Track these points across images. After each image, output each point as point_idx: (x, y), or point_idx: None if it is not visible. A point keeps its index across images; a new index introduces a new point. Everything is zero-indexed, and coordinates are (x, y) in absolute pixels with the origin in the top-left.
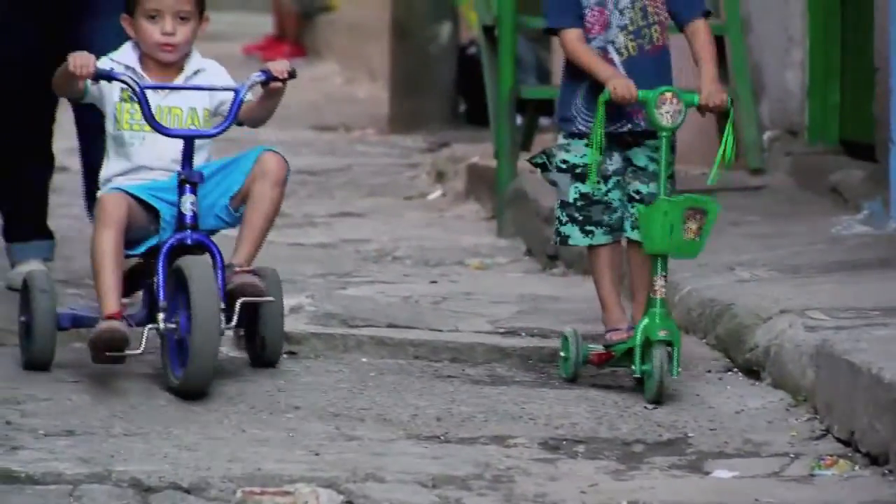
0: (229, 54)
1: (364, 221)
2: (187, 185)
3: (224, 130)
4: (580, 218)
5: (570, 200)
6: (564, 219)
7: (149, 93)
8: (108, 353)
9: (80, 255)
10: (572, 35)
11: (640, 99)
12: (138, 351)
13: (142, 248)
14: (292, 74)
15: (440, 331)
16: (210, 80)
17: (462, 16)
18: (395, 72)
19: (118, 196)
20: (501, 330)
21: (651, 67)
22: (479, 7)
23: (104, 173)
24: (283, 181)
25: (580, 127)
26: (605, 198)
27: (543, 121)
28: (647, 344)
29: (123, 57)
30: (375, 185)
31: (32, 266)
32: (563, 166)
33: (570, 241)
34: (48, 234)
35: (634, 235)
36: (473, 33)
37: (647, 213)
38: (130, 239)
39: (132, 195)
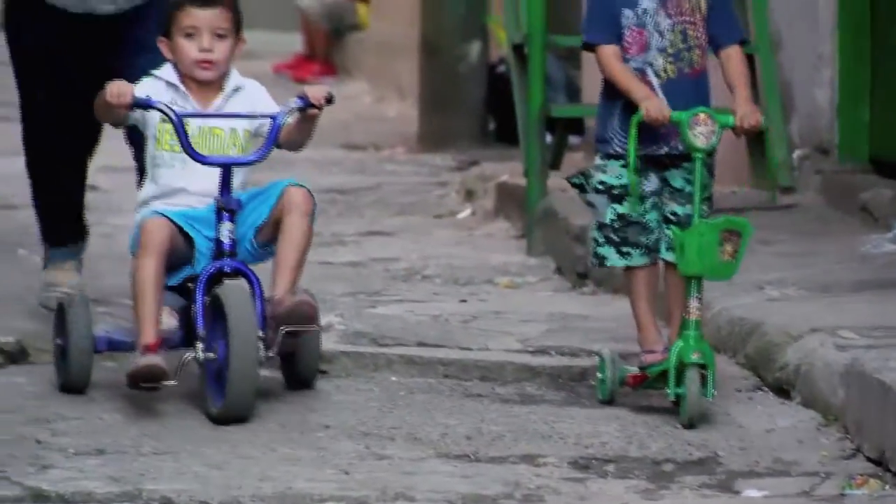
0: (259, 72)
1: (393, 240)
2: (225, 213)
3: (262, 158)
4: (617, 239)
5: (607, 222)
6: (601, 240)
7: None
8: (145, 385)
9: (109, 274)
10: (609, 52)
11: (673, 120)
12: (174, 382)
13: (176, 280)
14: (330, 100)
15: (470, 349)
16: (250, 99)
17: (491, 34)
18: (424, 90)
19: (161, 221)
20: (531, 349)
21: (690, 91)
22: (508, 25)
23: (142, 194)
24: (311, 213)
25: (617, 148)
26: (642, 219)
27: (573, 139)
28: (682, 366)
29: (165, 73)
30: (405, 204)
31: (66, 270)
32: (601, 187)
33: (608, 263)
34: (82, 235)
35: (670, 257)
36: (503, 51)
37: (683, 234)
38: (167, 265)
39: (171, 220)
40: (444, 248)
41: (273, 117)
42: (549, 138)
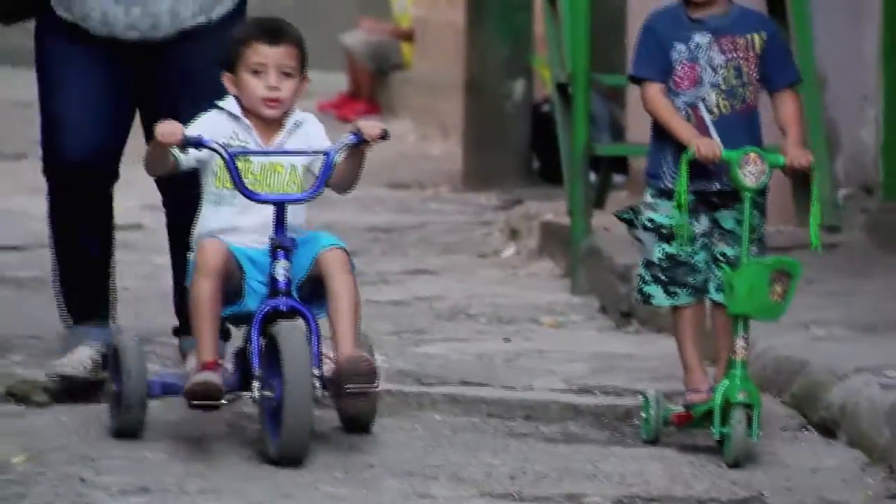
0: (304, 111)
1: (437, 279)
2: (280, 251)
3: (316, 195)
4: (664, 278)
5: (655, 260)
6: (648, 278)
7: (253, 148)
8: (201, 404)
9: (150, 314)
10: (654, 89)
11: (723, 159)
12: (226, 402)
13: (226, 313)
14: (384, 136)
15: (514, 389)
16: (309, 134)
17: (536, 73)
18: (468, 129)
19: (217, 244)
20: (575, 388)
21: (743, 127)
22: (552, 64)
23: (199, 229)
24: (349, 269)
25: (668, 184)
26: (691, 259)
27: (617, 178)
28: (727, 406)
29: (229, 106)
30: (449, 243)
31: (82, 353)
32: (650, 225)
33: (653, 301)
34: (105, 321)
35: (719, 297)
36: (547, 90)
37: (734, 274)
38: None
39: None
40: (488, 287)
41: (325, 153)
42: (593, 177)
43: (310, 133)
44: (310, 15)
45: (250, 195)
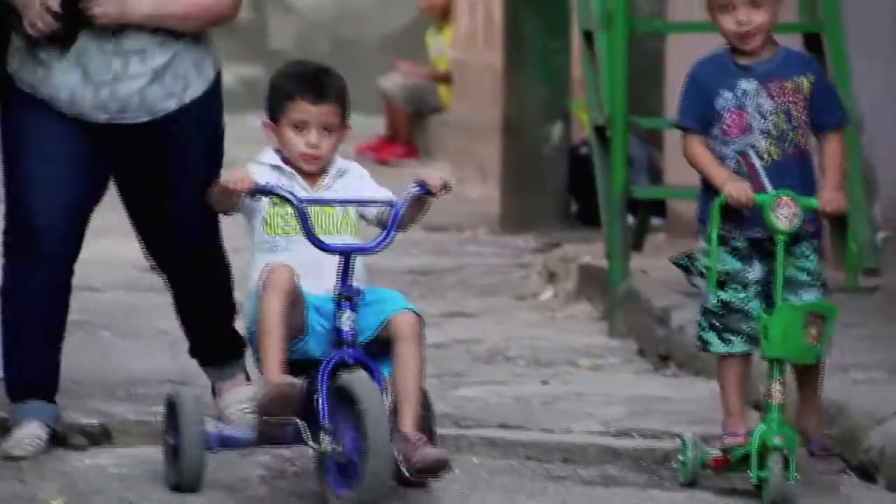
0: (343, 154)
1: (476, 321)
2: (346, 301)
3: (385, 245)
4: (719, 325)
5: (711, 307)
6: (705, 324)
7: (301, 194)
8: (275, 418)
9: (187, 356)
10: (694, 140)
11: (756, 202)
12: (302, 423)
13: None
14: (447, 188)
15: (552, 431)
16: (353, 182)
17: (574, 116)
18: (506, 172)
19: (287, 268)
20: (613, 431)
21: (795, 171)
22: (590, 107)
23: (251, 281)
24: (420, 336)
25: (721, 231)
26: (745, 306)
27: (655, 221)
28: (765, 449)
29: (268, 158)
30: (487, 285)
31: (29, 429)
32: (705, 272)
33: (710, 349)
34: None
35: None
36: (585, 133)
37: (768, 317)
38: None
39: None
40: (526, 330)
41: (392, 204)
42: (631, 220)
43: (356, 180)
44: (347, 58)
45: (320, 244)
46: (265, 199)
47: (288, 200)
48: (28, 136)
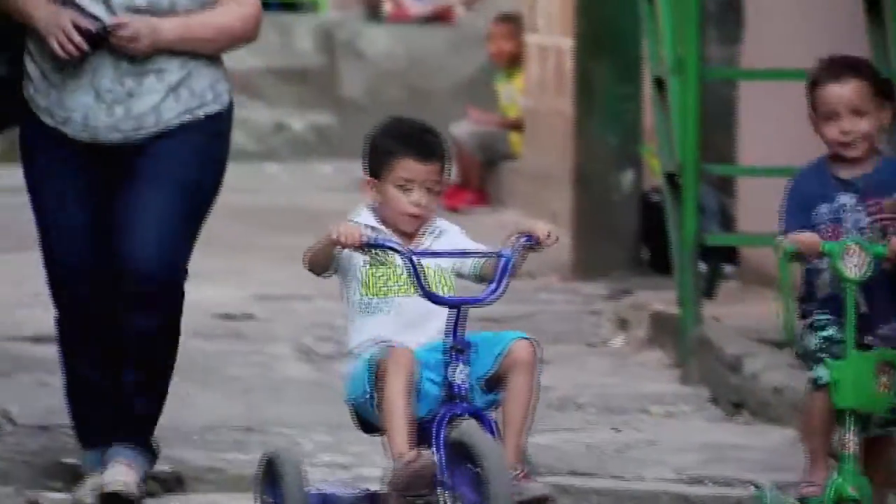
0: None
1: (547, 368)
2: (458, 354)
3: (496, 298)
4: (824, 356)
5: (814, 347)
6: (813, 365)
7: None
8: (412, 496)
9: (263, 403)
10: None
11: (825, 251)
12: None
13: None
14: (554, 238)
15: (624, 479)
16: (452, 241)
17: (645, 162)
18: (577, 219)
19: (407, 351)
20: (686, 478)
21: (888, 283)
22: (662, 154)
23: (352, 343)
24: (535, 363)
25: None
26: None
27: (727, 268)
28: (840, 501)
29: (363, 218)
30: (558, 332)
31: (112, 476)
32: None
33: (820, 381)
34: (135, 441)
35: None
36: (656, 180)
37: (839, 366)
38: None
39: None
40: (597, 377)
41: (502, 256)
42: (703, 267)
43: (453, 238)
44: (419, 105)
45: (432, 297)
46: (361, 260)
47: (400, 252)
48: (47, 184)
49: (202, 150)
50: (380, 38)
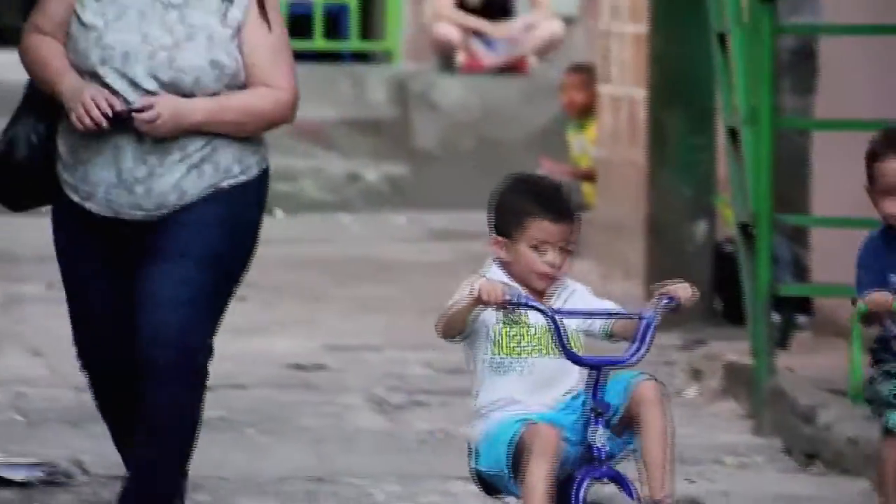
0: (479, 252)
1: None
2: (597, 417)
3: (638, 359)
4: None
5: (886, 393)
6: (885, 412)
7: (530, 314)
8: None
9: (335, 454)
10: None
11: (895, 308)
12: None
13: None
14: (696, 297)
15: None
16: (583, 300)
17: (718, 213)
18: (650, 269)
19: (553, 429)
20: None
21: None
22: (735, 204)
23: (479, 402)
24: (663, 400)
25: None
26: None
27: (801, 319)
28: None
29: (493, 274)
30: None
31: None
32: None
33: (889, 424)
34: None
35: None
36: (729, 230)
37: None
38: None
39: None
40: None
41: (642, 317)
42: (776, 317)
43: (583, 297)
44: (490, 156)
45: (574, 357)
46: (494, 318)
47: (543, 312)
48: (73, 259)
49: (226, 220)
50: (453, 89)
